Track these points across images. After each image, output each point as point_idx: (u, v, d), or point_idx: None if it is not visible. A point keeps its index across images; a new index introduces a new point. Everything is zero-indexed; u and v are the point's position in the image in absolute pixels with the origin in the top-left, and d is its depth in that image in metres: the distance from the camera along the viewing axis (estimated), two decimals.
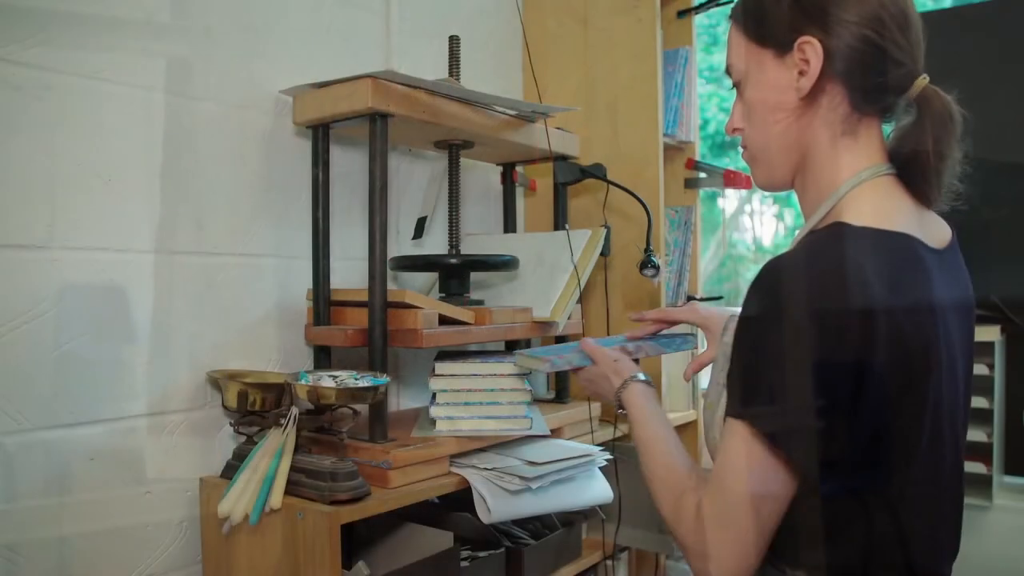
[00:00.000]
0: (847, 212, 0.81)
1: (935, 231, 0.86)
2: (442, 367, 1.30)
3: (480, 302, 1.44)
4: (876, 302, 0.73)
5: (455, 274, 1.43)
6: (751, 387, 0.77)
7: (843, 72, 0.83)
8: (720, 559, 0.79)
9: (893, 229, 0.79)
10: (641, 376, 1.06)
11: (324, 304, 1.35)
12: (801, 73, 0.84)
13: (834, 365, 0.72)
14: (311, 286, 1.36)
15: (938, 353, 0.77)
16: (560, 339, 1.62)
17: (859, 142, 0.85)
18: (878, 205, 0.82)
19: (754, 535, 0.78)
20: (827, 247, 0.77)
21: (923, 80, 0.83)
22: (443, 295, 1.43)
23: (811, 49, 0.82)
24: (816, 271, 0.75)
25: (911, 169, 0.83)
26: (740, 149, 0.95)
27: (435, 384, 1.30)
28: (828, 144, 0.85)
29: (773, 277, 0.77)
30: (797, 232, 0.88)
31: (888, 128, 0.88)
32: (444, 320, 1.28)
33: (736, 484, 0.78)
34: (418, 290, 1.64)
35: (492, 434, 1.31)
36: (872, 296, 0.73)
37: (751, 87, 0.90)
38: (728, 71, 0.94)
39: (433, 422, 1.29)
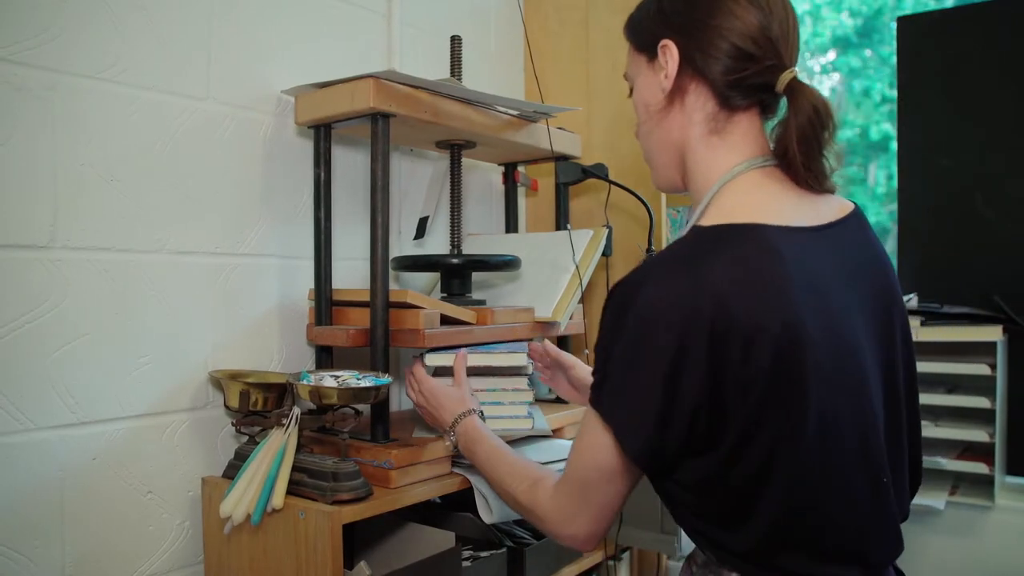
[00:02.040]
0: (708, 211, 0.85)
1: (821, 211, 0.87)
2: (432, 358, 1.30)
3: (482, 302, 1.44)
4: (709, 303, 0.75)
5: (457, 274, 1.43)
6: (602, 385, 0.82)
7: (703, 72, 0.86)
8: (577, 525, 0.88)
9: (743, 222, 0.81)
10: (466, 412, 1.16)
11: (326, 304, 1.35)
12: (665, 75, 0.89)
13: (665, 370, 0.76)
14: (313, 286, 1.36)
15: (804, 331, 0.76)
16: (562, 339, 1.62)
17: (731, 139, 0.88)
18: (738, 200, 0.84)
19: (604, 506, 0.86)
20: (665, 259, 0.81)
21: (789, 74, 0.84)
22: (445, 295, 1.43)
23: (668, 51, 0.88)
24: (650, 284, 0.78)
25: (783, 160, 0.85)
26: None
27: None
28: (700, 142, 0.89)
29: (615, 295, 0.81)
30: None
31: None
32: (446, 320, 1.28)
33: (587, 460, 0.85)
34: (420, 290, 1.64)
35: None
36: (705, 297, 0.75)
37: (635, 91, 0.96)
38: (626, 78, 0.99)
39: None
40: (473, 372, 1.30)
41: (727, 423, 0.77)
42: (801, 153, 0.82)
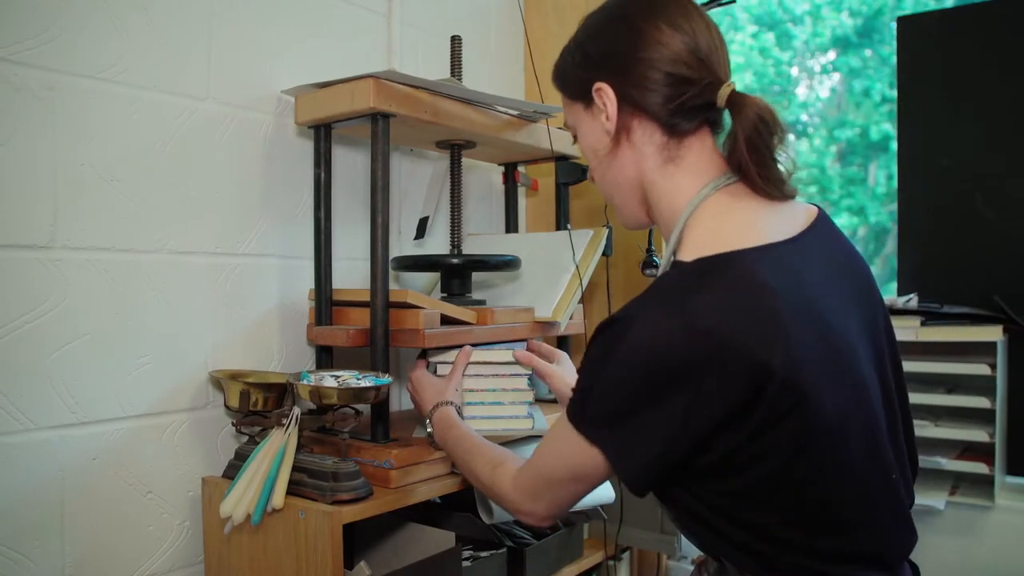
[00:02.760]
0: (684, 244, 0.84)
1: (789, 219, 0.86)
2: (437, 357, 1.31)
3: (482, 302, 1.44)
4: (702, 341, 0.74)
5: (457, 274, 1.43)
6: (585, 407, 0.83)
7: (643, 106, 0.86)
8: (536, 506, 0.94)
9: (723, 251, 0.80)
10: (444, 401, 1.21)
11: (326, 304, 1.35)
12: (606, 117, 0.89)
13: (663, 403, 0.76)
14: (313, 286, 1.36)
15: (802, 354, 0.76)
16: (562, 339, 1.62)
17: (687, 163, 0.88)
18: (711, 226, 0.84)
19: (564, 498, 0.92)
20: (653, 298, 0.80)
21: (727, 88, 0.84)
22: (445, 295, 1.43)
23: (603, 93, 0.88)
24: (641, 322, 0.77)
25: (741, 172, 0.84)
26: None
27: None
28: (657, 173, 0.89)
29: (604, 331, 0.81)
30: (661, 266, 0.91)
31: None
32: (446, 320, 1.28)
33: (559, 463, 0.88)
34: (420, 290, 1.64)
35: (494, 434, 1.31)
36: (698, 335, 0.74)
37: (582, 142, 0.97)
38: (567, 127, 1.01)
39: None
40: (474, 371, 1.30)
41: (727, 449, 0.77)
42: (754, 163, 0.82)
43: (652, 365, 0.76)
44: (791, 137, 0.84)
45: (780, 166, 0.84)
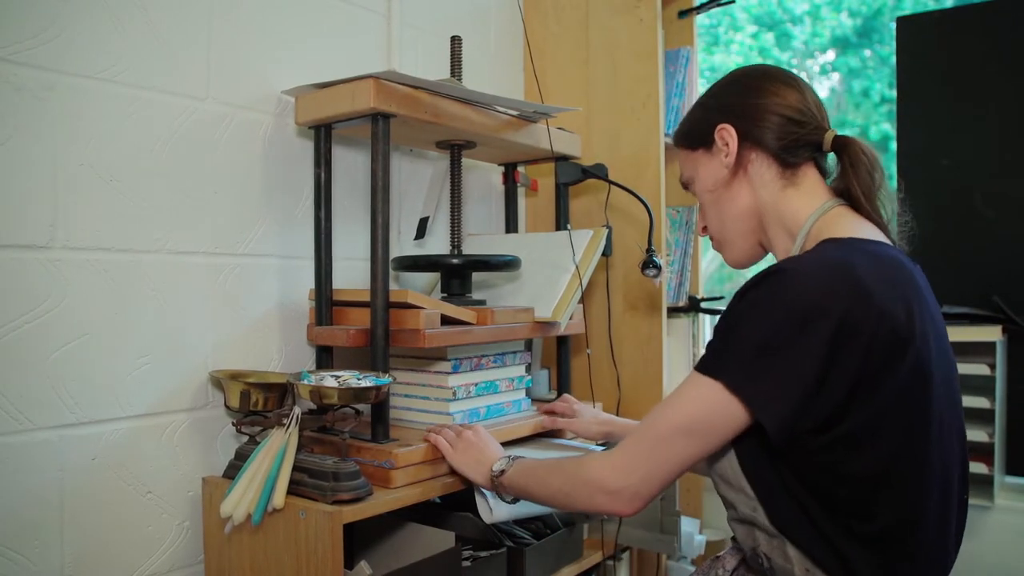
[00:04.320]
0: (826, 233, 0.94)
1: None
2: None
3: (482, 302, 1.44)
4: (869, 297, 0.82)
5: (457, 274, 1.43)
6: (730, 353, 0.87)
7: (759, 141, 1.01)
8: (630, 479, 0.92)
9: (865, 238, 0.92)
10: (497, 467, 1.16)
11: (326, 304, 1.35)
12: (725, 155, 1.03)
13: (815, 350, 0.81)
14: (313, 286, 1.36)
15: (925, 341, 0.86)
16: (561, 339, 1.62)
17: (805, 187, 1.01)
18: (850, 225, 0.95)
19: (665, 465, 0.90)
20: (822, 255, 0.88)
21: (831, 133, 0.99)
22: (445, 295, 1.43)
23: (726, 132, 1.03)
24: (809, 275, 0.85)
25: (855, 204, 0.97)
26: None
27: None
28: (777, 196, 1.01)
29: (769, 279, 0.86)
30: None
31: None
32: (446, 320, 1.28)
33: (678, 413, 0.89)
34: (420, 290, 1.64)
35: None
36: (865, 292, 0.82)
37: (698, 185, 1.09)
38: (684, 185, 1.13)
39: None
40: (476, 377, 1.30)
41: (858, 412, 0.83)
42: (867, 193, 0.96)
43: (806, 310, 0.81)
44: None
45: (881, 203, 0.97)
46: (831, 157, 1.02)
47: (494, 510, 1.22)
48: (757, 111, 1.01)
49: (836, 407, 0.82)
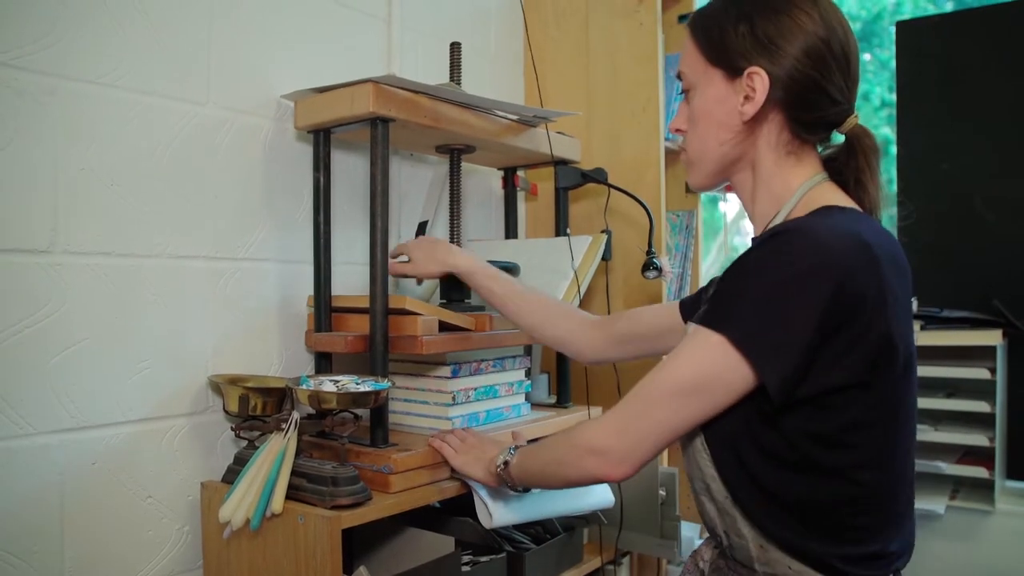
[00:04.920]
0: (823, 201, 0.90)
1: None
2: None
3: (481, 308, 1.44)
4: (875, 263, 0.82)
5: (456, 280, 1.43)
6: (736, 308, 0.84)
7: (785, 104, 0.91)
8: (620, 439, 0.89)
9: (849, 206, 0.91)
10: (500, 459, 1.13)
11: (325, 310, 1.35)
12: (747, 98, 0.91)
13: (821, 312, 0.79)
14: (312, 292, 1.36)
15: (909, 315, 0.88)
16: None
17: (803, 160, 0.95)
18: (843, 199, 0.92)
19: (658, 426, 0.87)
20: (828, 219, 0.85)
21: (855, 118, 0.93)
22: (444, 301, 1.43)
23: (759, 79, 0.90)
24: (819, 235, 0.82)
25: (858, 194, 0.94)
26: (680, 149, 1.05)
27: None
28: (774, 162, 0.94)
29: (777, 235, 0.83)
30: (756, 234, 0.96)
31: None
32: (445, 327, 1.28)
33: (676, 372, 0.86)
34: (419, 296, 1.64)
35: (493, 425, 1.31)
36: (873, 259, 0.82)
37: (699, 97, 0.97)
38: (679, 76, 1.01)
39: None
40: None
41: (844, 376, 0.81)
42: (868, 182, 0.92)
43: (813, 269, 0.79)
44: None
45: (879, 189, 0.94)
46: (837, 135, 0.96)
47: (494, 515, 1.22)
48: (799, 71, 0.89)
49: (836, 368, 0.81)
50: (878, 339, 0.81)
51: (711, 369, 0.83)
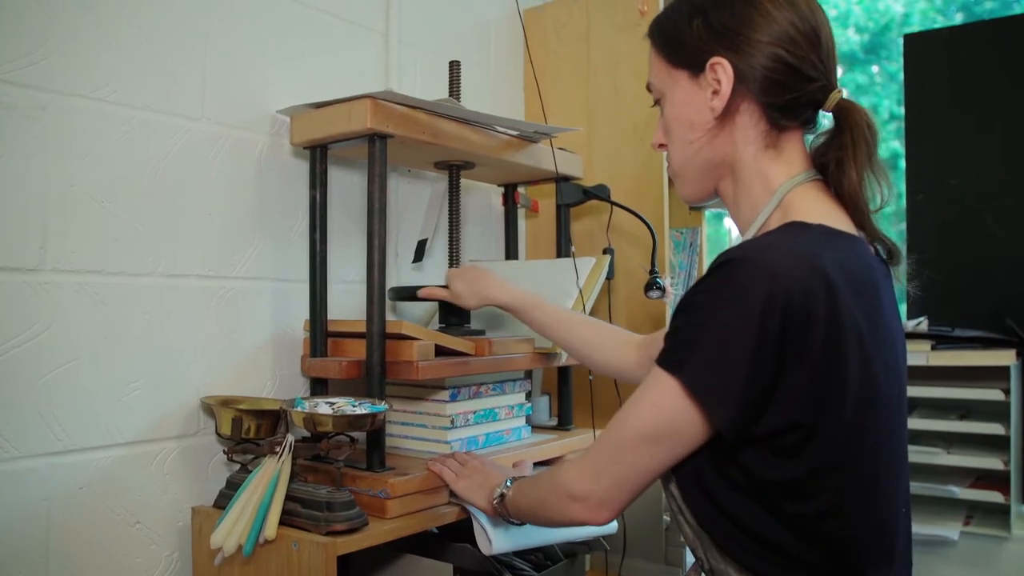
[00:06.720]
0: (795, 212, 0.84)
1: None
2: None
3: (481, 332, 1.41)
4: (831, 292, 0.76)
5: (455, 304, 1.40)
6: (688, 349, 0.80)
7: (757, 91, 0.86)
8: (596, 484, 0.87)
9: (834, 227, 0.83)
10: (499, 491, 1.11)
11: (321, 335, 1.31)
12: (714, 93, 0.87)
13: (770, 347, 0.75)
14: (308, 315, 1.33)
15: (880, 347, 0.81)
16: (562, 370, 1.58)
17: (785, 153, 0.88)
18: (821, 207, 0.85)
19: (631, 473, 0.85)
20: (786, 241, 0.80)
21: (838, 93, 0.86)
22: (443, 325, 1.40)
23: (722, 70, 0.86)
24: (777, 260, 0.77)
25: (838, 178, 0.85)
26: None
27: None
28: (753, 158, 0.89)
29: (730, 261, 0.79)
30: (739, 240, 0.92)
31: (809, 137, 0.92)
32: (444, 351, 1.25)
33: (639, 419, 0.83)
34: (418, 319, 1.62)
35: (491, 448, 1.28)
36: (827, 285, 0.76)
37: (668, 106, 0.94)
38: (649, 88, 0.98)
39: None
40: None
41: (794, 412, 0.77)
42: (859, 169, 0.84)
43: (764, 301, 0.74)
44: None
45: (872, 179, 0.86)
46: (823, 115, 0.90)
47: (493, 541, 1.19)
48: (763, 53, 0.84)
49: (788, 403, 0.77)
50: (828, 374, 0.76)
51: (672, 415, 0.81)
